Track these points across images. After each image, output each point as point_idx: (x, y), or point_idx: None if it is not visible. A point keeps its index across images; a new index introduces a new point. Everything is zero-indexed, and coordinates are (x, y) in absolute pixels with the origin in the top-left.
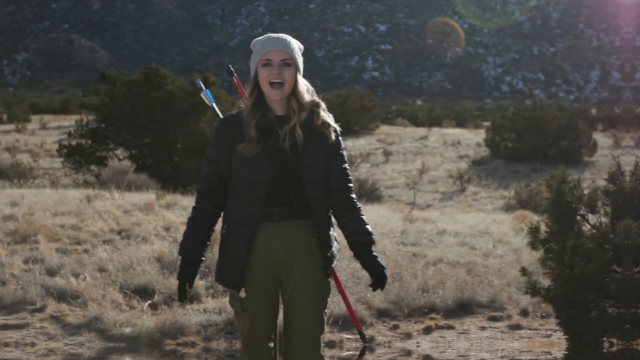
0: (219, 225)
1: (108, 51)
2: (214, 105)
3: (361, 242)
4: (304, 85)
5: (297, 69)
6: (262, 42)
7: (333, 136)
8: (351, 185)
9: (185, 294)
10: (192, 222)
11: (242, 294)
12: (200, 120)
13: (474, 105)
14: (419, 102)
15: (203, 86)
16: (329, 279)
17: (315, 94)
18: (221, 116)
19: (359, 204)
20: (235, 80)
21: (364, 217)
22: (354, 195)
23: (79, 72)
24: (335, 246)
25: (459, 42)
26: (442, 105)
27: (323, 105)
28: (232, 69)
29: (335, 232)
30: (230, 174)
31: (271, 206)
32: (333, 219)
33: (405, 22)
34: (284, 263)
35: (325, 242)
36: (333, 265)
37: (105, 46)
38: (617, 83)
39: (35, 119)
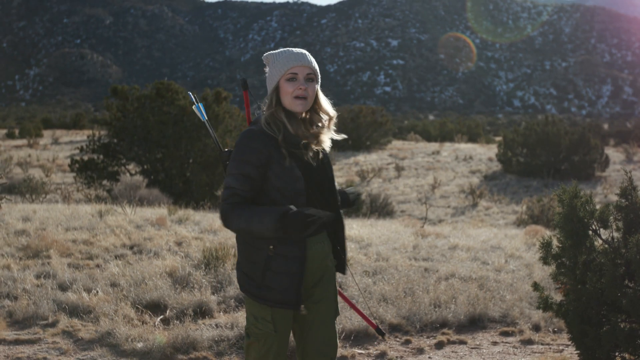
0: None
1: (120, 66)
2: (206, 121)
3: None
4: (324, 99)
5: (318, 84)
6: (286, 57)
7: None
8: None
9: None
10: (237, 209)
11: (304, 311)
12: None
13: (485, 120)
14: (431, 117)
15: (195, 99)
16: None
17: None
18: (212, 132)
19: None
20: (246, 95)
21: None
22: None
23: (90, 87)
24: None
25: (471, 57)
26: (454, 120)
27: (334, 120)
28: (247, 83)
29: None
30: (269, 190)
31: None
32: None
33: (418, 37)
34: (314, 277)
35: (344, 250)
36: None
37: (117, 61)
38: (629, 98)
39: (47, 134)
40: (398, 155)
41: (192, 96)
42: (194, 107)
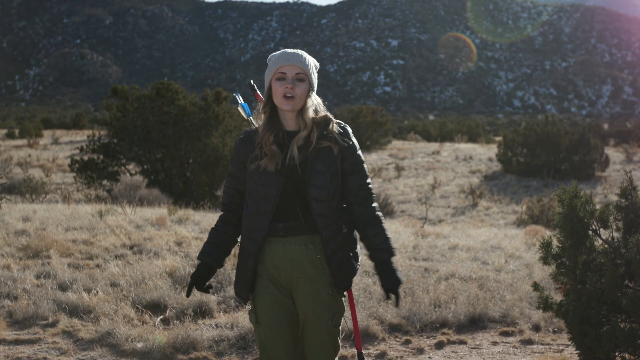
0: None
1: (120, 66)
2: (251, 118)
3: (380, 259)
4: (311, 102)
5: (310, 85)
6: (278, 57)
7: (349, 152)
8: (373, 197)
9: (190, 292)
10: (213, 230)
11: (248, 306)
12: (212, 135)
13: (485, 120)
14: (431, 117)
15: (241, 100)
16: (343, 297)
17: (326, 110)
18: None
19: (381, 215)
20: (259, 96)
21: (386, 231)
22: (375, 206)
23: (90, 87)
24: (351, 265)
25: (471, 57)
26: (454, 120)
27: (334, 120)
28: (254, 84)
29: (359, 249)
30: (246, 192)
31: (277, 221)
32: (351, 236)
33: (417, 37)
34: (291, 278)
35: (335, 261)
36: (346, 283)
37: (117, 61)
38: (629, 98)
39: (47, 134)
40: (398, 155)
41: (238, 96)
42: (239, 106)
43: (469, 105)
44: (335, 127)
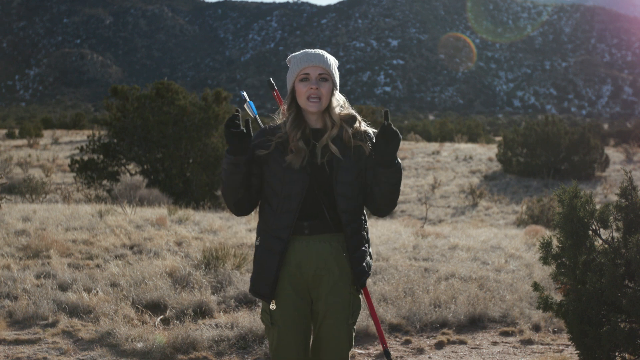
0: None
1: (120, 66)
2: (257, 117)
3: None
4: (336, 101)
5: (333, 84)
6: (300, 58)
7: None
8: None
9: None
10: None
11: (272, 306)
12: (212, 135)
13: (486, 120)
14: (431, 117)
15: (247, 98)
16: (360, 295)
17: (350, 108)
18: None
19: None
20: (276, 94)
21: None
22: None
23: (90, 87)
24: (368, 262)
25: (471, 57)
26: (454, 120)
27: (359, 118)
28: (273, 82)
29: (371, 249)
30: (264, 188)
31: (302, 220)
32: (367, 235)
33: (418, 37)
34: (313, 277)
35: (356, 257)
36: (364, 280)
37: (117, 61)
38: (629, 98)
39: (47, 134)
40: (398, 155)
41: (244, 95)
42: (245, 104)
43: (469, 105)
44: (363, 125)
